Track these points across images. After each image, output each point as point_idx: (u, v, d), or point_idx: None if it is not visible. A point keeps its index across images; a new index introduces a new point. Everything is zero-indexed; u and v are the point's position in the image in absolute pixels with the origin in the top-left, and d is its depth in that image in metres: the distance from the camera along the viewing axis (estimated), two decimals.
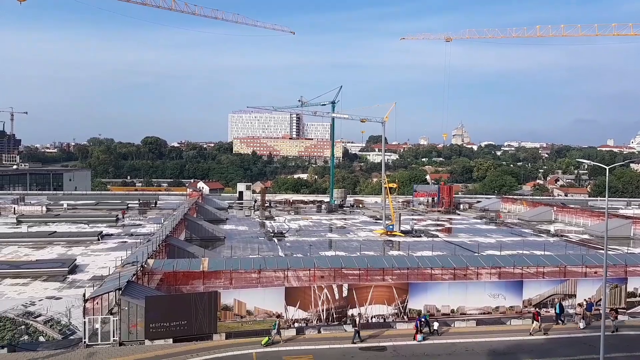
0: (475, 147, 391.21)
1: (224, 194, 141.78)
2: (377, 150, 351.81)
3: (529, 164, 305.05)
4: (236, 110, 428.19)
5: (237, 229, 73.18)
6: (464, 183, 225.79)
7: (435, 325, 31.46)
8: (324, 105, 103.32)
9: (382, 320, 33.00)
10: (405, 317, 33.25)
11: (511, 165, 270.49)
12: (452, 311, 34.17)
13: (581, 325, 33.12)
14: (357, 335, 29.89)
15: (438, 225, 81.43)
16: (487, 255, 48.41)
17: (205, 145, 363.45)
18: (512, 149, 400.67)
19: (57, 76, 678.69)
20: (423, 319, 31.34)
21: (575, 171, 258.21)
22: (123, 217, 72.85)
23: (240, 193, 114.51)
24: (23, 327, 27.95)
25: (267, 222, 79.09)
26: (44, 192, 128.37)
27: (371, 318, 32.77)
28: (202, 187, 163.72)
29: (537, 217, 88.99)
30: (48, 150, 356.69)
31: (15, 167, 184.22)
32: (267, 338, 29.10)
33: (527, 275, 38.31)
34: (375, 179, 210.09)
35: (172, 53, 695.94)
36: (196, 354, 27.65)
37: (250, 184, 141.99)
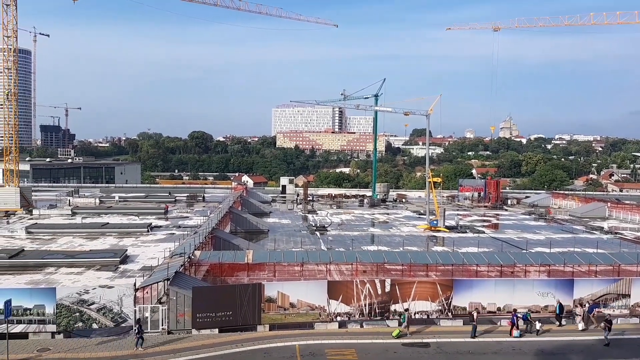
0: (524, 141, 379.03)
1: (267, 188, 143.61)
2: (421, 143, 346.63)
3: (582, 158, 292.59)
4: (279, 104, 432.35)
5: (280, 222, 73.99)
6: (512, 178, 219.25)
7: (538, 325, 30.83)
8: (367, 98, 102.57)
9: (425, 317, 32.61)
10: (449, 313, 32.73)
11: (562, 159, 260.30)
12: (499, 309, 33.34)
13: (580, 326, 31.47)
14: (474, 330, 30.06)
15: (484, 220, 79.56)
16: (535, 252, 47.06)
17: (249, 140, 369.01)
18: (564, 142, 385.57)
19: (109, 72, 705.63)
20: (520, 316, 30.92)
21: (632, 165, 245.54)
22: (167, 212, 74.84)
23: (283, 187, 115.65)
24: (77, 314, 29.28)
25: (310, 216, 79.56)
26: (97, 185, 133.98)
27: (414, 314, 32.44)
28: (247, 181, 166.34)
29: (590, 213, 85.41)
30: (101, 145, 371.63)
31: (70, 160, 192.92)
32: (397, 330, 29.63)
33: (579, 274, 36.91)
34: (419, 173, 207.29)
35: (218, 48, 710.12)
36: (241, 345, 28.23)
37: (293, 177, 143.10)
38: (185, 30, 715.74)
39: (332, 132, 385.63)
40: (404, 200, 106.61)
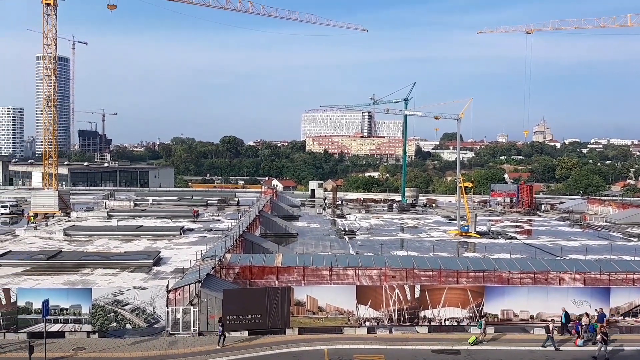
0: (558, 145, 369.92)
1: (296, 192, 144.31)
2: (451, 148, 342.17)
3: (619, 163, 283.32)
4: (309, 109, 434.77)
5: (309, 226, 74.24)
6: (545, 183, 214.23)
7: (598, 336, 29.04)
8: (397, 102, 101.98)
9: (455, 324, 32.19)
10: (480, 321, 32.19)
11: (598, 164, 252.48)
12: (532, 317, 32.63)
13: (599, 337, 29.40)
14: (549, 340, 29.16)
15: (517, 226, 77.92)
16: (570, 259, 45.84)
17: (279, 144, 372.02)
18: (600, 146, 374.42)
19: (144, 78, 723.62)
20: (585, 325, 30.02)
21: None
22: (195, 216, 75.77)
23: (312, 191, 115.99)
24: (112, 314, 30.10)
25: (338, 220, 79.53)
26: (131, 188, 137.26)
27: (444, 321, 32.06)
28: (276, 185, 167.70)
29: (628, 219, 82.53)
30: (135, 149, 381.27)
31: (106, 165, 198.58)
32: (474, 337, 29.41)
33: (615, 282, 35.79)
34: (449, 178, 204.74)
35: (249, 54, 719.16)
36: (270, 348, 28.47)
37: (322, 182, 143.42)
38: (218, 37, 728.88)
39: (361, 137, 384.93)
40: (434, 205, 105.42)
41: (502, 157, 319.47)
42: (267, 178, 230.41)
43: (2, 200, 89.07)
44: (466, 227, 67.02)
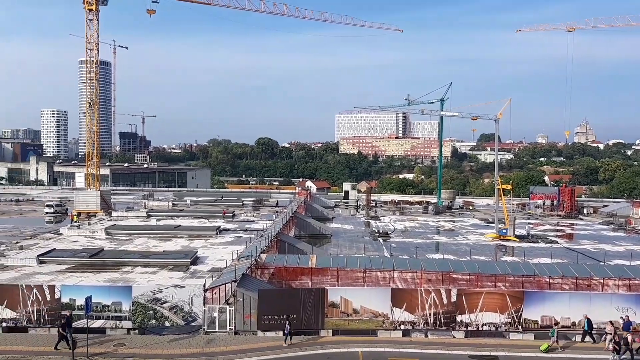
0: (601, 146, 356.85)
1: (330, 193, 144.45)
2: (489, 149, 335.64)
3: None
4: (343, 110, 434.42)
5: (343, 227, 74.13)
6: (588, 185, 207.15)
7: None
8: (432, 103, 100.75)
9: (493, 329, 31.47)
10: (519, 327, 31.38)
11: None
12: (573, 324, 31.56)
13: (610, 346, 28.00)
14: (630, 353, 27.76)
15: (558, 230, 75.64)
16: (614, 264, 44.20)
17: (313, 146, 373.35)
18: None
19: (181, 81, 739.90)
20: (609, 334, 28.65)
21: None
22: (232, 216, 76.70)
23: (346, 192, 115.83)
24: (151, 312, 30.82)
25: (372, 222, 79.11)
26: (170, 189, 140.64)
27: (482, 326, 31.39)
28: (310, 186, 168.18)
29: None
30: (174, 151, 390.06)
31: (145, 166, 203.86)
32: (546, 344, 28.75)
33: None
34: (487, 180, 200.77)
35: (284, 56, 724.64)
36: (305, 348, 28.54)
37: (356, 183, 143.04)
38: (253, 40, 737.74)
39: (396, 138, 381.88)
40: (470, 207, 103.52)
41: (542, 159, 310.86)
42: (301, 179, 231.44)
43: (47, 200, 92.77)
44: (505, 231, 65.54)
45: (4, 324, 30.48)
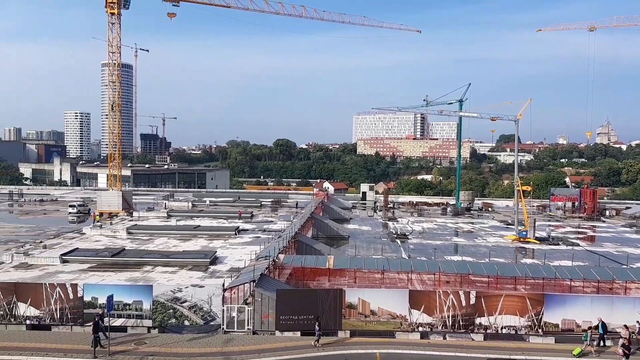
0: (624, 147, 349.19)
1: (347, 194, 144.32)
2: (508, 150, 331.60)
3: None
4: (360, 111, 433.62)
5: (361, 228, 74.05)
6: (610, 187, 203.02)
7: None
8: (451, 103, 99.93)
9: (513, 332, 31.16)
10: (539, 330, 31.01)
11: None
12: (596, 328, 31.04)
13: (620, 351, 27.52)
14: None
15: (579, 232, 74.39)
16: (637, 268, 43.32)
17: (330, 147, 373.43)
18: None
19: (201, 83, 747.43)
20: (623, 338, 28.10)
21: None
22: (240, 217, 76.73)
23: (364, 193, 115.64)
24: (171, 311, 31.25)
25: (390, 223, 78.85)
26: (189, 189, 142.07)
27: (501, 329, 31.11)
28: (328, 187, 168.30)
29: None
30: (193, 152, 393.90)
31: (166, 167, 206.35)
32: (579, 349, 28.41)
33: None
34: (506, 181, 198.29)
35: (302, 58, 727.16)
36: (322, 349, 28.65)
37: (374, 184, 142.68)
38: (272, 42, 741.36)
39: (414, 139, 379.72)
40: (490, 209, 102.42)
41: (562, 160, 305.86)
42: (318, 180, 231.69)
43: (71, 200, 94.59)
44: (524, 233, 64.74)
45: (27, 322, 31.19)
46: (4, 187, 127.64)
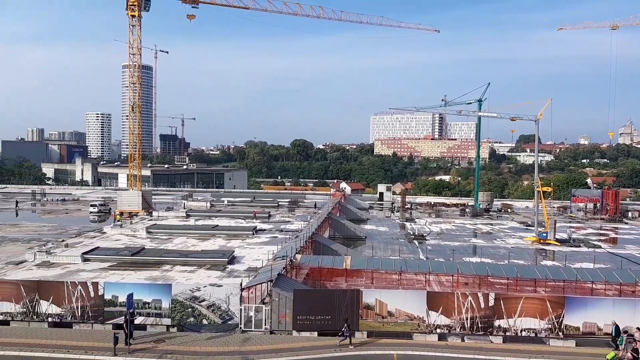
0: None
1: (364, 195, 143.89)
2: (528, 150, 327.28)
3: None
4: (378, 111, 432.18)
5: (378, 229, 73.79)
6: (633, 188, 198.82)
7: None
8: (470, 103, 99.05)
9: (533, 335, 30.74)
10: (560, 333, 30.54)
11: None
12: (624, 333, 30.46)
13: (629, 355, 26.62)
14: None
15: (601, 234, 73.02)
16: None
17: (347, 147, 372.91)
18: None
19: (219, 84, 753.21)
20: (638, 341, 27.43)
21: None
22: (255, 217, 76.77)
23: (381, 194, 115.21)
24: (190, 309, 31.58)
25: (408, 224, 78.43)
26: (208, 189, 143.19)
27: (520, 332, 30.72)
28: (345, 188, 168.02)
29: None
30: (212, 152, 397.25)
31: (185, 167, 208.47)
32: (613, 353, 27.58)
33: None
34: (526, 182, 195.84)
35: (319, 58, 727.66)
36: (339, 349, 28.64)
37: (391, 185, 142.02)
38: (290, 43, 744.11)
39: (432, 139, 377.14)
40: (509, 210, 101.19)
41: (584, 161, 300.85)
42: (335, 181, 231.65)
43: (92, 200, 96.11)
44: (545, 234, 63.81)
45: (49, 319, 31.82)
46: (27, 187, 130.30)
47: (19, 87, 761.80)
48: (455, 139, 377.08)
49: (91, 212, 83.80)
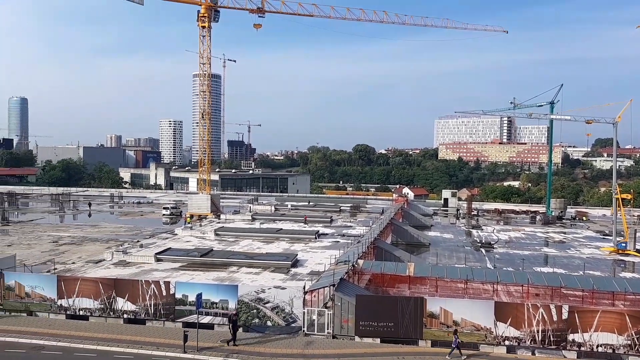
0: None
1: (428, 201, 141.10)
2: (605, 155, 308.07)
3: None
4: (442, 115, 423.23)
5: (442, 236, 72.16)
6: None
7: None
8: (541, 106, 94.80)
9: (610, 351, 28.89)
10: None
11: None
12: None
13: None
14: None
15: None
16: None
17: (410, 152, 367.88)
18: None
19: (284, 91, 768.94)
20: None
21: None
22: (305, 222, 76.85)
23: (445, 200, 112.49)
24: (255, 311, 32.37)
25: (474, 231, 76.09)
26: (272, 193, 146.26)
27: (596, 347, 28.96)
28: (407, 193, 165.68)
29: None
30: (276, 157, 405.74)
31: (251, 172, 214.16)
32: None
33: None
34: (603, 189, 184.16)
35: (383, 63, 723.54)
36: (402, 357, 28.29)
37: (456, 190, 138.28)
38: (353, 49, 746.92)
39: (500, 143, 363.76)
40: (584, 218, 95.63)
41: None
42: (397, 186, 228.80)
43: (164, 203, 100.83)
44: (624, 244, 59.87)
45: (125, 316, 33.69)
46: (106, 190, 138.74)
47: (99, 96, 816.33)
48: (525, 143, 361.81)
49: (164, 215, 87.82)
